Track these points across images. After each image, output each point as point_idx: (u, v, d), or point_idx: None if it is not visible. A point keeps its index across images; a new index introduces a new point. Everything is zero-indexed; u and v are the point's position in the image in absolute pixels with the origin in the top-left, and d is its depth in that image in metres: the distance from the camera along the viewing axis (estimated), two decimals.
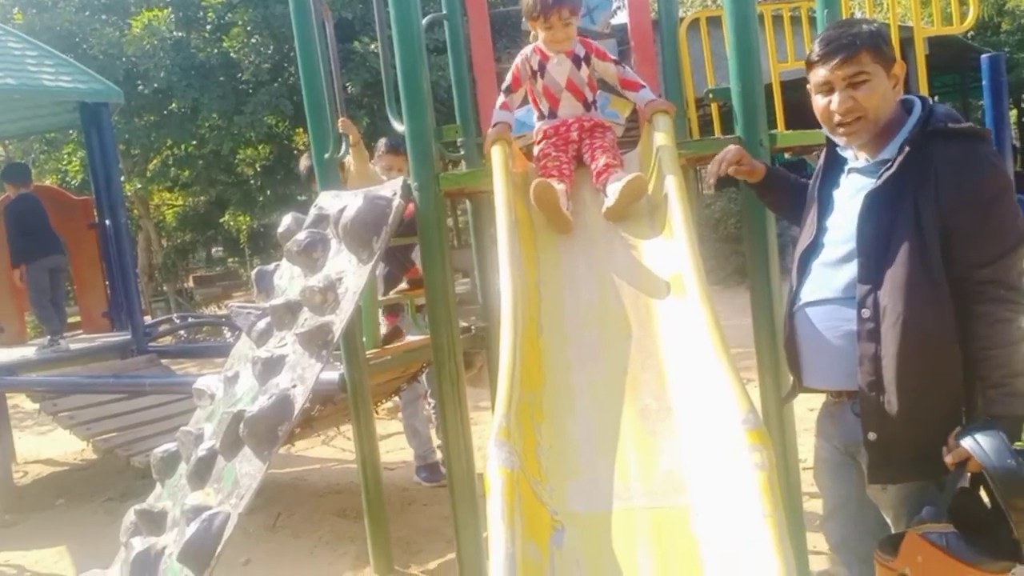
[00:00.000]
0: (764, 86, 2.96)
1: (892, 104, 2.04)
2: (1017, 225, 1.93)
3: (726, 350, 2.00)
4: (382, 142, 4.90)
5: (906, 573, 1.87)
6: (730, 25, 2.82)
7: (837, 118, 2.03)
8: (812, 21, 3.50)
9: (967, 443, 1.84)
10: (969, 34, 15.74)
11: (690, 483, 1.89)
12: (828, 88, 2.04)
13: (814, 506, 4.20)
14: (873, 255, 1.96)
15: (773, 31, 4.27)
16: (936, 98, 19.16)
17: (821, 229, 2.13)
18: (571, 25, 2.75)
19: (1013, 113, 21.84)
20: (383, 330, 4.31)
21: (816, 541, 3.79)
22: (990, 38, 16.70)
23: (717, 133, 4.27)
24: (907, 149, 1.94)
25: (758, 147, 2.82)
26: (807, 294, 2.13)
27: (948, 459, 1.88)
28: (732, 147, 2.41)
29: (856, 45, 1.97)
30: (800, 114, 4.78)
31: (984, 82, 4.28)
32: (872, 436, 1.97)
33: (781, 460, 2.94)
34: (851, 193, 2.08)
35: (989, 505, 1.90)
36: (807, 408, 5.85)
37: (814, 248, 2.14)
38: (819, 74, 2.04)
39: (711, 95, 3.31)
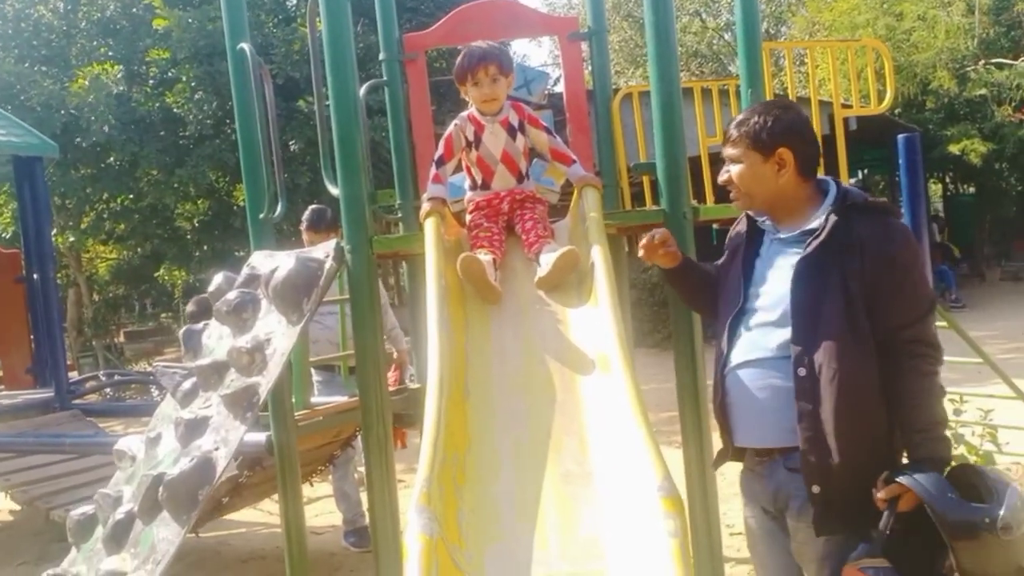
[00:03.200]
0: (692, 159, 3.09)
1: (775, 185, 2.22)
2: (929, 291, 2.19)
3: (645, 418, 2.05)
4: (305, 217, 4.98)
5: None
6: (655, 103, 2.94)
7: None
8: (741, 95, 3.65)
9: (906, 480, 1.96)
10: (896, 111, 16.47)
11: (608, 549, 1.91)
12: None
13: (740, 571, 4.24)
14: (806, 317, 2.10)
15: (703, 106, 4.45)
16: (866, 171, 19.94)
17: (748, 296, 2.26)
18: (499, 83, 2.76)
19: (938, 187, 22.80)
20: None
21: None
22: (915, 115, 17.46)
23: (648, 203, 4.39)
24: (834, 219, 2.12)
25: (681, 219, 2.92)
26: (738, 356, 2.23)
27: (881, 495, 1.99)
28: (660, 230, 2.50)
29: (734, 133, 2.24)
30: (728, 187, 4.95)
31: (900, 160, 4.50)
32: (816, 489, 2.07)
33: (703, 524, 2.98)
34: (776, 262, 2.24)
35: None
36: (738, 471, 5.93)
37: (742, 314, 2.26)
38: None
39: (638, 169, 3.41)
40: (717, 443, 2.94)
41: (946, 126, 17.12)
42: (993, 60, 16.17)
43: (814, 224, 2.16)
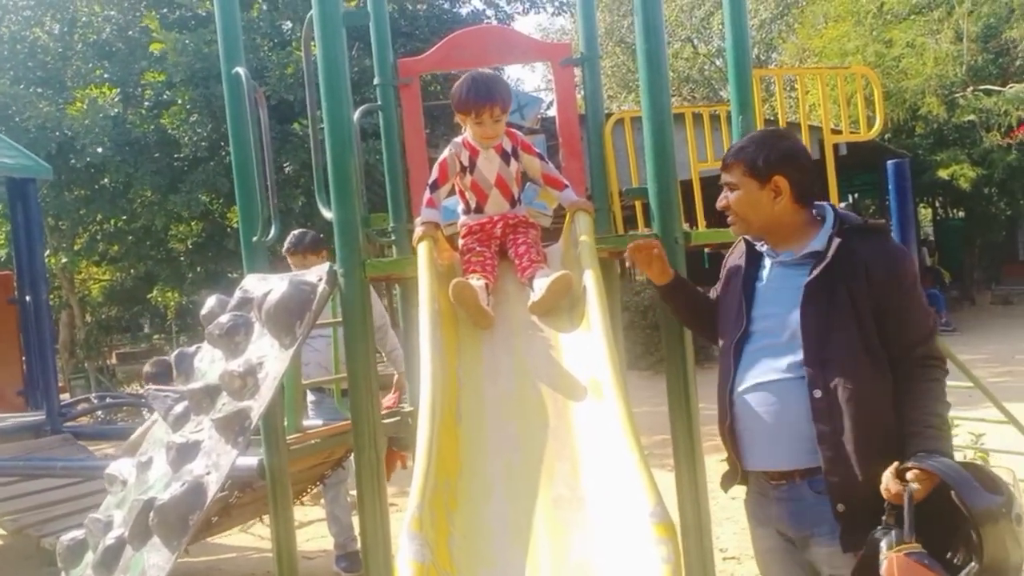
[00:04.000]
0: (684, 183, 3.11)
1: (771, 211, 2.27)
2: (929, 307, 2.24)
3: (638, 443, 2.05)
4: (288, 241, 5.03)
5: None
6: (647, 128, 2.97)
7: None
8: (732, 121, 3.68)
9: (934, 466, 1.97)
10: (886, 136, 16.62)
11: (599, 575, 1.91)
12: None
13: None
14: (818, 339, 2.13)
15: (694, 131, 4.48)
16: (856, 195, 20.06)
17: (751, 319, 2.28)
18: (500, 121, 2.80)
19: (928, 211, 22.94)
20: None
21: None
22: (905, 141, 17.61)
23: (640, 227, 4.42)
24: (837, 241, 2.17)
25: (674, 244, 2.94)
26: (747, 380, 2.25)
27: (909, 476, 1.98)
28: (649, 240, 2.58)
29: (731, 160, 2.30)
30: (721, 211, 4.99)
31: (890, 185, 4.55)
32: (841, 507, 2.09)
33: (696, 548, 2.97)
34: (779, 284, 2.27)
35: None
36: (729, 497, 5.92)
37: (747, 337, 2.28)
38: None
39: (630, 194, 3.44)
40: (711, 466, 2.95)
41: (935, 151, 17.27)
42: (981, 87, 16.36)
43: (817, 247, 2.21)
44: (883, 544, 1.96)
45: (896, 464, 2.03)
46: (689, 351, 3.05)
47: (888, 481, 2.02)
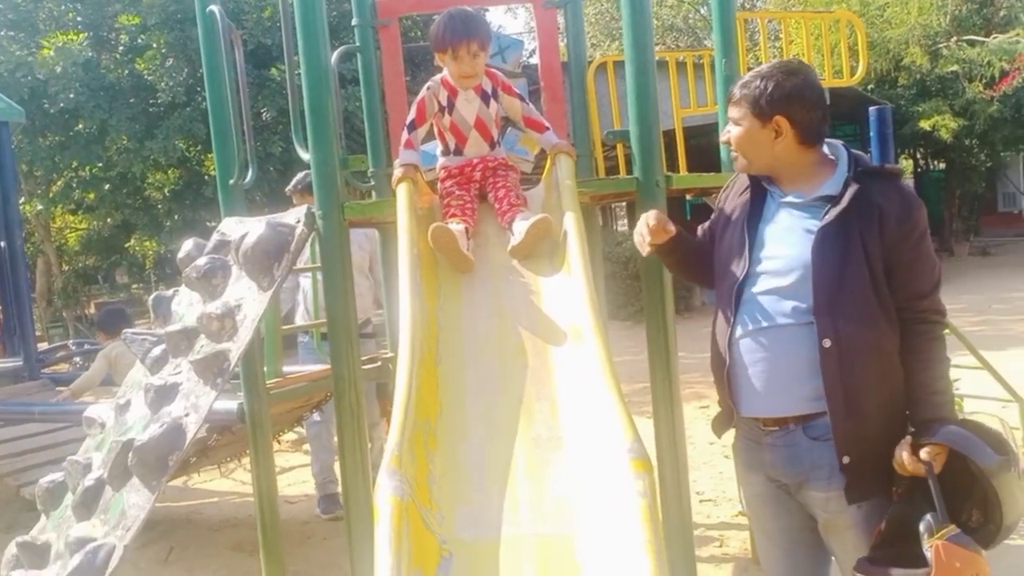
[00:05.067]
0: (667, 133, 3.08)
1: (771, 151, 2.17)
2: (936, 257, 2.18)
3: (616, 384, 2.06)
4: (296, 180, 4.95)
5: None
6: (629, 70, 2.93)
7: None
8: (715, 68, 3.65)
9: (947, 439, 1.97)
10: (869, 87, 16.57)
11: (577, 511, 1.93)
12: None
13: (709, 536, 4.31)
14: (829, 286, 2.06)
15: (677, 79, 4.45)
16: None
17: (754, 261, 2.19)
18: (479, 58, 2.73)
19: (909, 163, 23.01)
20: None
21: (709, 573, 3.89)
22: (888, 91, 17.57)
23: (623, 174, 4.40)
24: (855, 186, 2.09)
25: (654, 188, 2.92)
26: (748, 322, 2.17)
27: (923, 455, 1.98)
28: (655, 215, 2.36)
29: (737, 93, 2.20)
30: (703, 158, 4.98)
31: (872, 132, 4.54)
32: (847, 459, 2.05)
33: (675, 491, 3.01)
34: (788, 225, 2.18)
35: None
36: (707, 442, 6.00)
37: (748, 279, 2.19)
38: None
39: (612, 136, 3.41)
40: (688, 412, 2.97)
41: (918, 102, 17.27)
42: (965, 37, 16.30)
43: (830, 190, 2.12)
44: (922, 530, 1.95)
45: (908, 439, 2.02)
46: (669, 299, 3.05)
47: (903, 456, 2.01)
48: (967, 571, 1.89)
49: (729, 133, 2.24)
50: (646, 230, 2.32)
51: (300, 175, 5.05)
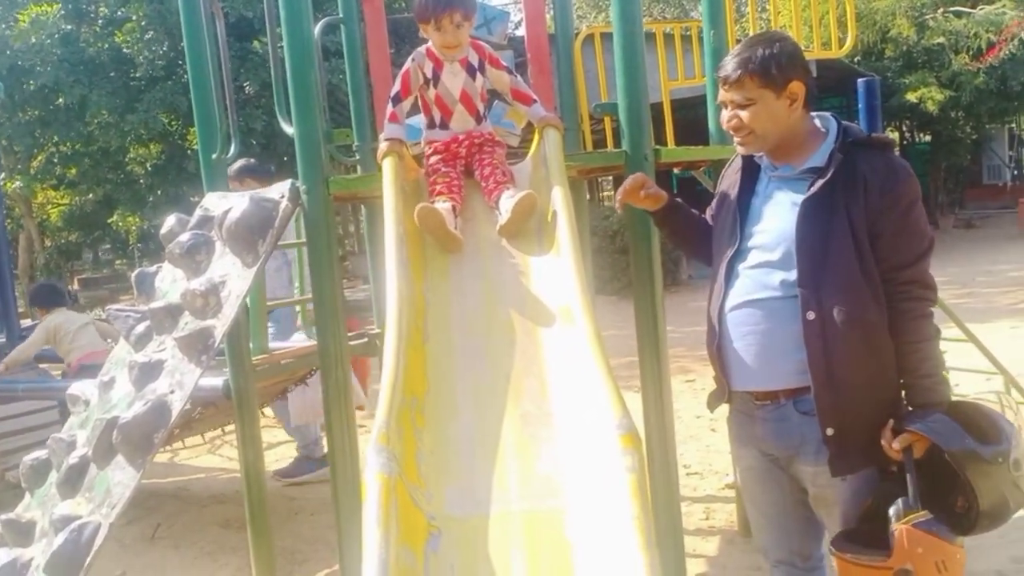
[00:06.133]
0: (654, 106, 3.05)
1: (788, 121, 2.13)
2: (928, 229, 2.13)
3: (605, 361, 2.05)
4: (238, 166, 4.89)
5: (908, 569, 1.90)
6: (617, 42, 2.89)
7: (731, 131, 2.19)
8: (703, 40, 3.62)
9: (921, 428, 1.96)
10: (856, 59, 16.54)
11: (566, 487, 1.92)
12: (725, 105, 2.19)
13: (695, 509, 4.33)
14: (814, 258, 2.04)
15: (664, 52, 4.41)
16: None
17: (745, 235, 2.18)
18: (463, 28, 2.69)
19: (895, 135, 23.05)
20: None
21: (695, 545, 3.92)
22: (874, 63, 17.54)
23: (610, 147, 4.37)
24: (839, 157, 2.06)
25: (643, 161, 2.90)
26: (737, 297, 2.16)
27: (896, 445, 1.98)
28: (636, 175, 2.41)
29: (741, 72, 2.10)
30: (691, 131, 4.96)
31: (860, 105, 4.52)
32: (830, 431, 2.04)
33: (662, 465, 3.02)
34: (777, 199, 2.16)
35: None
36: (694, 416, 6.02)
37: (739, 253, 2.18)
38: (720, 92, 2.19)
39: (599, 110, 3.38)
40: (676, 386, 2.97)
41: (904, 74, 17.26)
42: (951, 8, 16.25)
43: (816, 162, 2.10)
44: (891, 514, 1.95)
45: (891, 423, 2.02)
46: (657, 274, 3.04)
47: (887, 439, 2.01)
48: (929, 557, 1.89)
49: (737, 117, 2.14)
50: (622, 192, 2.38)
51: (240, 161, 5.00)
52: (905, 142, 22.81)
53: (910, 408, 2.08)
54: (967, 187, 23.18)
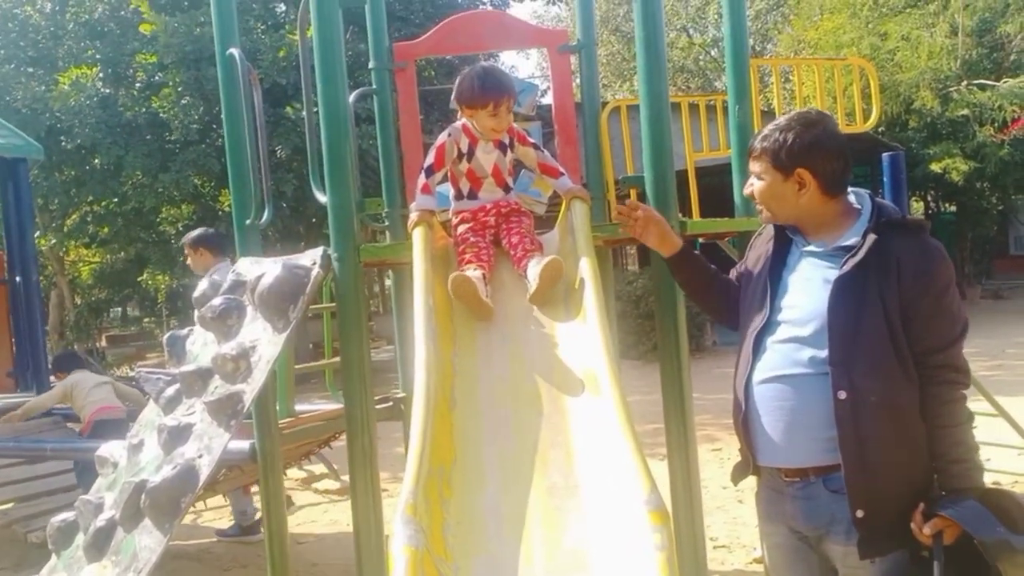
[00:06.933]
0: (679, 173, 3.10)
1: (796, 203, 2.17)
2: (962, 312, 2.11)
3: (633, 433, 2.04)
4: (195, 235, 5.13)
5: None
6: (644, 115, 2.95)
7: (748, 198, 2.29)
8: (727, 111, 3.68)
9: (952, 515, 1.94)
10: (880, 129, 16.64)
11: (593, 561, 1.90)
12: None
13: None
14: (846, 337, 2.04)
15: (689, 121, 4.48)
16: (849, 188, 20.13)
17: (775, 309, 2.19)
18: (510, 113, 2.79)
19: (920, 205, 23.05)
20: None
21: None
22: (898, 134, 17.65)
23: None
24: (872, 237, 2.07)
25: None
26: (765, 371, 2.16)
27: (926, 530, 1.96)
28: (630, 200, 2.51)
29: (757, 148, 2.19)
30: (715, 197, 5.00)
31: (884, 178, 4.55)
32: (860, 513, 2.02)
33: (689, 537, 2.99)
34: (808, 275, 2.17)
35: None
36: (720, 486, 5.94)
37: (769, 326, 2.18)
38: None
39: (626, 182, 3.43)
40: (702, 455, 2.95)
41: (928, 145, 17.33)
42: (976, 81, 16.38)
43: (850, 241, 2.11)
44: None
45: (922, 507, 2.00)
46: (683, 340, 3.05)
47: (917, 522, 1.99)
48: None
49: (752, 186, 2.24)
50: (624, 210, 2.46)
51: (199, 230, 5.15)
52: (930, 212, 22.78)
53: (943, 492, 2.05)
54: (994, 258, 23.03)
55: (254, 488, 6.06)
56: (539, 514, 2.05)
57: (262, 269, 3.10)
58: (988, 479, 4.43)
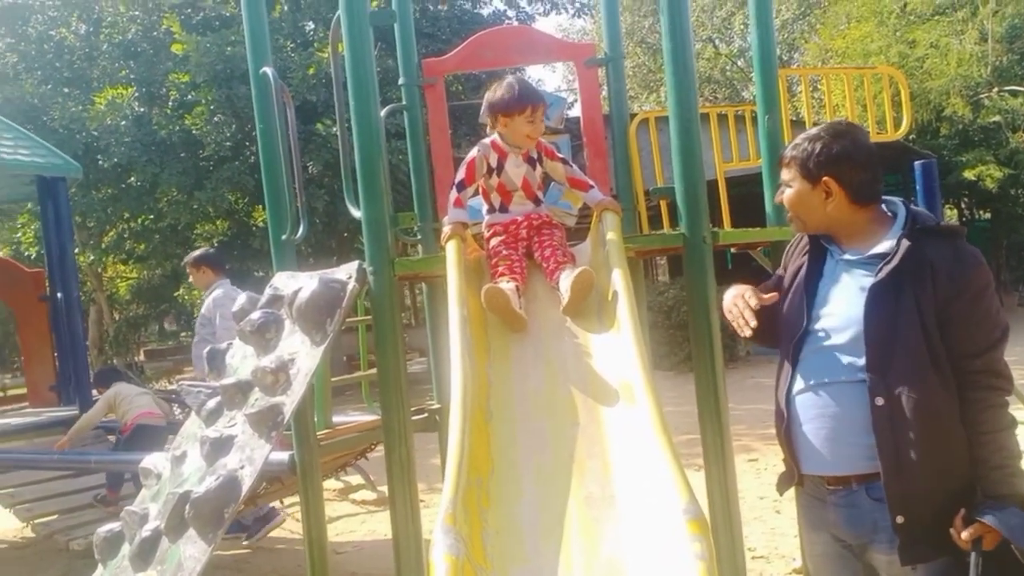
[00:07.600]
0: (709, 183, 3.12)
1: (824, 211, 2.19)
2: (1002, 317, 2.10)
3: (670, 442, 2.06)
4: (191, 257, 5.34)
5: None
6: (673, 127, 2.98)
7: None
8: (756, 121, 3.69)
9: (992, 522, 1.93)
10: (911, 137, 16.50)
11: (631, 571, 1.92)
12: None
13: None
14: (882, 344, 2.05)
15: (719, 131, 4.49)
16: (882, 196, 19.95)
17: (813, 319, 2.20)
18: (543, 121, 2.88)
19: (954, 212, 22.77)
20: None
21: None
22: (929, 141, 17.48)
23: (666, 226, 4.43)
24: (906, 243, 2.08)
25: (701, 244, 2.95)
26: (805, 379, 2.17)
27: (965, 535, 1.96)
28: (746, 291, 2.31)
29: (789, 157, 2.23)
30: (745, 206, 5.00)
31: (917, 186, 4.53)
32: (900, 519, 2.02)
33: (728, 548, 2.98)
34: (844, 283, 2.18)
35: None
36: (757, 497, 5.90)
37: (807, 336, 2.20)
38: None
39: (656, 193, 3.45)
40: (740, 466, 2.95)
41: (960, 152, 17.13)
42: (1007, 87, 16.19)
43: (884, 248, 2.12)
44: None
45: (962, 512, 1.99)
46: (718, 350, 3.05)
47: (957, 528, 1.99)
48: None
49: (783, 194, 2.27)
50: (749, 313, 2.26)
51: (201, 249, 5.33)
52: (964, 219, 22.50)
53: (984, 499, 2.03)
54: None
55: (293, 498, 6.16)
56: (577, 524, 2.07)
57: (299, 283, 3.15)
58: None
